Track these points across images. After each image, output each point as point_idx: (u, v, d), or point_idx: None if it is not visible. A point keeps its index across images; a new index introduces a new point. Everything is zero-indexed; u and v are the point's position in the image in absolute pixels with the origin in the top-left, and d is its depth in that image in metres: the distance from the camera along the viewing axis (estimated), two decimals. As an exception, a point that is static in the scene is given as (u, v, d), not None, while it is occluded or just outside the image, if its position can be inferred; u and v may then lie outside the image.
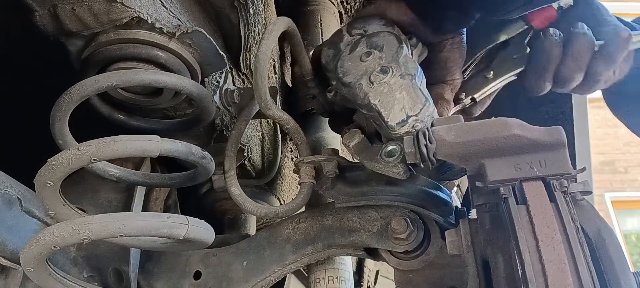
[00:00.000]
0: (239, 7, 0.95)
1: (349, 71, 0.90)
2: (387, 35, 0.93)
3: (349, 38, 0.97)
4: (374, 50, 0.91)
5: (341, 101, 0.95)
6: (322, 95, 1.01)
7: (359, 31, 0.97)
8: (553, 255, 0.62)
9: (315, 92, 1.02)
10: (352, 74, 0.89)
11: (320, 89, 1.01)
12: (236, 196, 0.94)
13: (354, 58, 0.91)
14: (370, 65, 0.89)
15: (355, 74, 0.89)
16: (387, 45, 0.91)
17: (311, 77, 1.00)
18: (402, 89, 0.85)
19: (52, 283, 0.72)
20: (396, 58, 0.88)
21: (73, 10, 0.74)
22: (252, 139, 1.15)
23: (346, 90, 0.90)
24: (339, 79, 0.90)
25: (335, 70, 0.92)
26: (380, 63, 0.88)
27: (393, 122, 0.82)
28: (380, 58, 0.89)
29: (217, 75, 0.98)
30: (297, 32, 0.93)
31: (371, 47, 0.92)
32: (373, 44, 0.92)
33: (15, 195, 0.77)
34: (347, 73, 0.90)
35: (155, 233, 0.70)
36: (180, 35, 0.82)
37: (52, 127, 0.78)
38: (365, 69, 0.88)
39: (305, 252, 0.94)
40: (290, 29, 0.90)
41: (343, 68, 0.91)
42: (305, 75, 1.00)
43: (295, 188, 1.39)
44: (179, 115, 0.96)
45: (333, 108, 1.02)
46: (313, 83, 1.01)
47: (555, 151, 0.71)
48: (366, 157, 0.85)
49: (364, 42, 0.93)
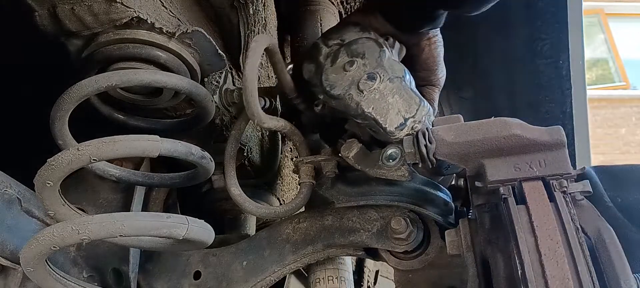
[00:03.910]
0: (239, 7, 0.95)
1: (335, 83, 0.88)
2: (365, 41, 0.92)
3: (327, 49, 0.95)
4: (356, 59, 0.89)
5: (331, 113, 0.93)
6: (310, 110, 0.98)
7: (336, 41, 0.95)
8: (553, 255, 0.62)
9: (302, 108, 0.99)
10: (339, 85, 0.88)
11: (306, 104, 0.99)
12: (236, 196, 0.94)
13: (337, 69, 0.90)
14: (356, 73, 0.87)
15: (342, 85, 0.87)
16: (369, 51, 0.90)
17: (295, 94, 0.98)
18: (394, 92, 0.84)
19: (52, 283, 0.71)
20: (381, 63, 0.88)
21: (73, 10, 0.74)
22: (252, 139, 1.15)
23: (336, 103, 0.88)
24: (326, 92, 0.89)
25: (320, 84, 0.90)
26: (366, 70, 0.87)
27: (392, 127, 0.82)
28: (364, 65, 0.88)
29: (217, 75, 0.98)
30: (278, 50, 0.91)
31: (353, 56, 0.90)
32: (354, 52, 0.91)
33: (15, 195, 0.77)
34: (333, 85, 0.88)
35: (155, 233, 0.70)
36: (180, 35, 0.82)
37: (52, 127, 0.78)
38: (352, 79, 0.87)
39: (305, 252, 0.94)
40: (270, 46, 0.88)
41: (328, 81, 0.89)
42: (288, 93, 0.98)
43: (295, 188, 1.39)
44: (179, 115, 0.96)
45: (323, 121, 0.99)
46: (298, 100, 0.98)
47: (555, 151, 0.71)
48: (367, 165, 0.85)
49: (344, 52, 0.92)
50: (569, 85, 1.73)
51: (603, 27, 8.58)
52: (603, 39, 8.58)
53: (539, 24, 1.68)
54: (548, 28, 1.68)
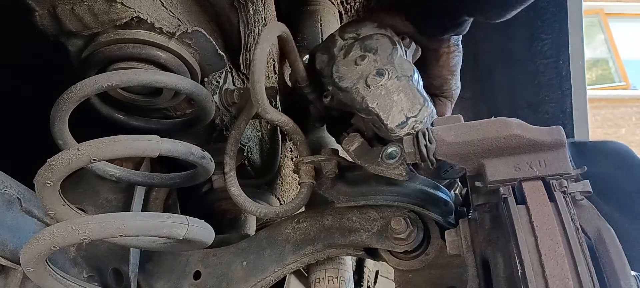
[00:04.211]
0: (239, 7, 0.95)
1: (344, 76, 0.90)
2: (380, 37, 0.93)
3: (342, 42, 0.96)
4: (368, 54, 0.90)
5: (338, 106, 0.95)
6: (319, 101, 1.00)
7: (352, 35, 0.97)
8: (553, 255, 0.62)
9: (311, 97, 1.01)
10: (348, 78, 0.89)
11: (316, 94, 1.00)
12: (236, 196, 0.94)
13: (349, 62, 0.91)
14: (366, 68, 0.88)
15: (351, 78, 0.88)
16: (381, 48, 0.91)
17: (306, 83, 0.99)
18: (400, 90, 0.85)
19: (52, 283, 0.71)
20: (391, 60, 0.88)
21: (73, 10, 0.74)
22: (252, 139, 1.15)
23: (343, 95, 0.89)
24: (335, 84, 0.90)
25: (330, 76, 0.92)
26: (376, 66, 0.88)
27: (393, 124, 0.82)
28: (375, 61, 0.89)
29: (217, 75, 0.98)
30: (291, 38, 0.92)
31: (365, 50, 0.91)
32: (367, 47, 0.92)
33: (15, 195, 0.77)
34: (343, 78, 0.90)
35: (155, 233, 0.70)
36: (180, 35, 0.82)
37: (52, 127, 0.78)
38: (361, 73, 0.88)
39: (305, 252, 0.94)
40: (284, 34, 0.89)
41: (338, 73, 0.91)
42: (300, 81, 0.99)
43: (295, 188, 1.39)
44: (179, 115, 0.96)
45: (330, 113, 1.01)
46: (309, 89, 1.00)
47: (555, 151, 0.71)
48: (367, 161, 0.85)
49: (358, 46, 0.93)
50: (569, 85, 1.74)
51: (603, 27, 8.58)
52: (603, 39, 8.58)
53: (539, 24, 1.68)
54: (548, 28, 1.68)
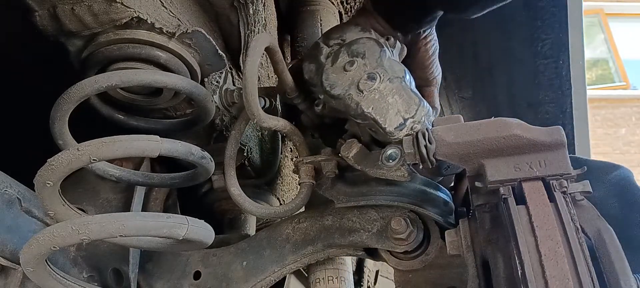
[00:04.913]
0: (239, 7, 0.95)
1: (335, 83, 0.88)
2: (366, 41, 0.92)
3: (328, 49, 0.95)
4: (356, 58, 0.89)
5: (331, 113, 0.93)
6: (310, 110, 0.98)
7: (337, 41, 0.95)
8: (553, 255, 0.62)
9: (302, 108, 0.99)
10: (339, 85, 0.88)
11: (307, 104, 0.99)
12: (236, 196, 0.94)
13: (338, 69, 0.90)
14: (356, 73, 0.87)
15: (342, 85, 0.87)
16: (369, 51, 0.90)
17: (296, 94, 0.97)
18: (394, 93, 0.84)
19: (52, 283, 0.71)
20: (381, 63, 0.88)
21: (73, 10, 0.74)
22: (252, 139, 1.15)
23: (336, 102, 0.88)
24: (327, 92, 0.89)
25: (321, 84, 0.90)
26: (366, 70, 0.87)
27: (391, 127, 0.82)
28: (365, 65, 0.88)
29: (217, 75, 0.98)
30: (279, 50, 0.91)
31: (353, 56, 0.90)
32: (354, 52, 0.91)
33: (15, 195, 0.77)
34: (333, 85, 0.88)
35: (155, 233, 0.70)
36: (180, 35, 0.82)
37: (52, 127, 0.78)
38: (352, 79, 0.87)
39: (305, 252, 0.94)
40: (271, 46, 0.88)
41: (328, 81, 0.89)
42: (289, 93, 0.97)
43: (295, 188, 1.39)
44: (179, 115, 0.96)
45: (323, 121, 1.00)
46: (299, 99, 0.98)
47: (555, 151, 0.71)
48: (367, 165, 0.85)
49: (345, 52, 0.92)
50: (569, 85, 1.74)
51: (603, 27, 8.58)
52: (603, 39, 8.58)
53: (539, 24, 1.68)
54: (548, 28, 1.68)
